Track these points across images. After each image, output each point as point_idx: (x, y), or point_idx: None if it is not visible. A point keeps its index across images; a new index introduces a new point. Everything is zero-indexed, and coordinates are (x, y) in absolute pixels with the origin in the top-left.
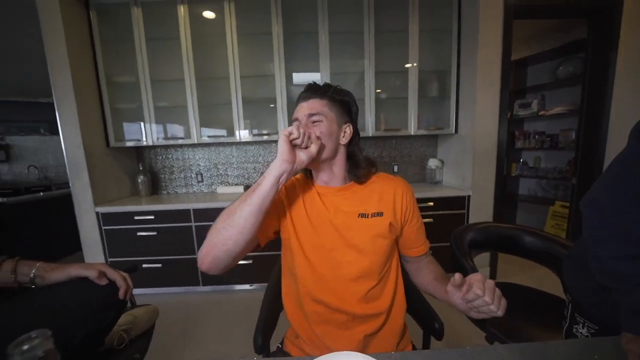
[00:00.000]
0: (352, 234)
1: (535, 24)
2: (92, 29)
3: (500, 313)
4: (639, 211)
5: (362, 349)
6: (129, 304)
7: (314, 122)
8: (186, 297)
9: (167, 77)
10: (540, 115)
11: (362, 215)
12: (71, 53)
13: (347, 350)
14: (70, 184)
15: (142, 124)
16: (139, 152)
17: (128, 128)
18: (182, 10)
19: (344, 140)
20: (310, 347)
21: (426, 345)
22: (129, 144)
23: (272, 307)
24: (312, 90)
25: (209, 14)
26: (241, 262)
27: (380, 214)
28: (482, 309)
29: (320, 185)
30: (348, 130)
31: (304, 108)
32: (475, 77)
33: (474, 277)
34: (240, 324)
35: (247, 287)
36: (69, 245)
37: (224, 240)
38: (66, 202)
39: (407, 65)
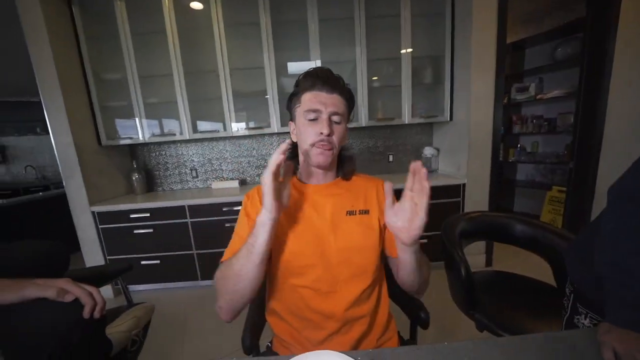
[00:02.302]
0: (341, 233)
1: (534, 4)
2: (76, 26)
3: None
4: None
5: (352, 349)
6: (126, 304)
7: (336, 122)
8: (185, 291)
9: (155, 73)
10: (538, 99)
11: (350, 213)
12: (55, 51)
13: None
14: (64, 184)
15: (133, 121)
16: (132, 150)
17: (119, 126)
18: (166, 2)
19: (345, 140)
20: (300, 350)
21: (413, 335)
22: (121, 142)
23: (261, 307)
24: (332, 83)
25: (195, 5)
26: None
27: (366, 212)
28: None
29: (304, 184)
30: (347, 128)
31: (328, 102)
32: (470, 61)
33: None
34: (240, 318)
35: None
36: (69, 245)
37: (241, 296)
38: (64, 201)
39: (402, 51)
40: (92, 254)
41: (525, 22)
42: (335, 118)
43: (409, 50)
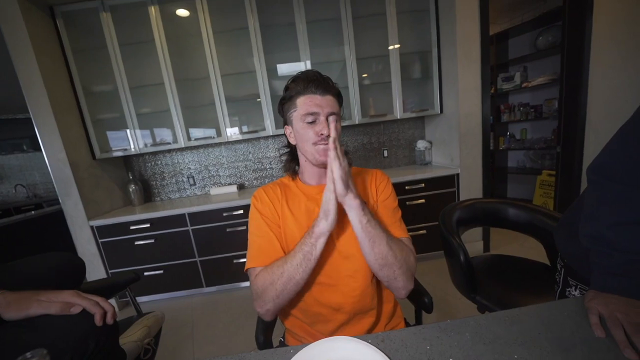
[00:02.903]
0: (342, 229)
1: None
2: (62, 39)
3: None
4: None
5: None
6: (135, 315)
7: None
8: (191, 299)
9: (146, 82)
10: (524, 87)
11: None
12: (42, 66)
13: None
14: (60, 201)
15: (126, 132)
16: (127, 161)
17: (113, 138)
18: (153, 11)
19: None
20: (312, 341)
21: (418, 319)
22: (116, 154)
23: None
24: (324, 85)
25: (181, 12)
26: (243, 259)
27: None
28: None
29: (308, 185)
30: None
31: (323, 104)
32: (456, 54)
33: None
34: (248, 321)
35: None
36: None
37: (289, 296)
38: (60, 218)
39: (390, 48)
40: (94, 269)
41: (506, 13)
42: (331, 118)
43: (397, 46)
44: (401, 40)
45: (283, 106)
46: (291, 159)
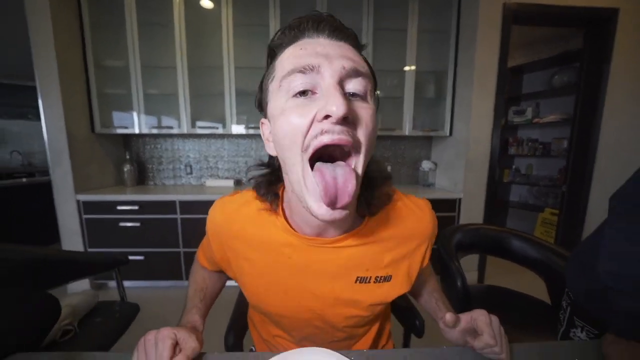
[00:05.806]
0: (342, 306)
1: (534, 32)
2: (82, 10)
3: (504, 357)
4: None
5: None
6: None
7: (356, 95)
8: (169, 291)
9: (158, 64)
10: (535, 122)
11: (362, 280)
12: (57, 33)
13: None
14: (50, 170)
15: (131, 110)
16: (127, 140)
17: (116, 114)
18: None
19: (374, 146)
20: None
21: (406, 343)
22: (117, 131)
23: (245, 306)
24: (335, 24)
25: (205, 3)
26: None
27: (387, 279)
28: (486, 352)
29: (302, 237)
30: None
31: (331, 53)
32: (472, 80)
33: (480, 320)
34: (225, 321)
35: (234, 282)
36: (49, 234)
37: None
38: (49, 190)
39: (406, 68)
40: (72, 245)
41: (523, 48)
42: (353, 86)
43: (413, 65)
44: (418, 58)
45: (261, 91)
46: (269, 184)
